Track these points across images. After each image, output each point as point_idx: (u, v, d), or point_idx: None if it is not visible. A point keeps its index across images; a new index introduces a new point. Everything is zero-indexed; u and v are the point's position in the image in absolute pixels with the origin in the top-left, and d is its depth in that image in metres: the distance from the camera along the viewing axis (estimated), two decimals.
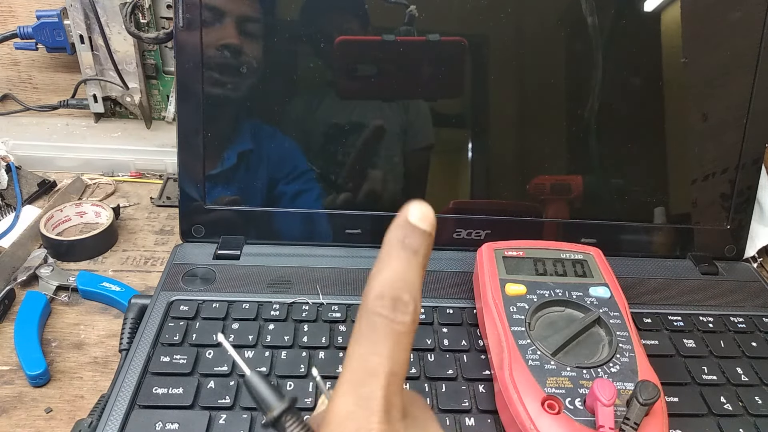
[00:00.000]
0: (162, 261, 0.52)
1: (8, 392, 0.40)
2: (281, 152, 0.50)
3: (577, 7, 0.48)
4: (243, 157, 0.50)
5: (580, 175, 0.51)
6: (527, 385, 0.34)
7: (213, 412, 0.36)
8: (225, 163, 0.49)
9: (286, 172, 0.50)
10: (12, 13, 0.65)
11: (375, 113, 0.49)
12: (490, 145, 0.50)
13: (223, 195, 0.50)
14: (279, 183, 0.50)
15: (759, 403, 0.39)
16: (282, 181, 0.50)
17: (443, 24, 0.48)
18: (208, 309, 0.43)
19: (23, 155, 0.62)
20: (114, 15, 0.61)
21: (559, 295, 0.40)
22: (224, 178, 0.49)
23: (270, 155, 0.50)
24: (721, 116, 0.50)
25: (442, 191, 0.51)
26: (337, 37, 0.47)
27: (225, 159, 0.49)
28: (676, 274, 0.51)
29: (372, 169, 0.50)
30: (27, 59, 0.68)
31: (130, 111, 0.69)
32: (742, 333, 0.45)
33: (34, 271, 0.49)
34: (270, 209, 0.50)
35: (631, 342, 0.37)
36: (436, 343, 0.42)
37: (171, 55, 0.65)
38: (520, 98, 0.50)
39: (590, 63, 0.48)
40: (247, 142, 0.49)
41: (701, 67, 0.49)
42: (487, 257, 0.43)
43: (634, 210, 0.51)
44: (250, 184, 0.50)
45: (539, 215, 0.51)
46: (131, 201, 0.60)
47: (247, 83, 0.48)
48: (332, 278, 0.47)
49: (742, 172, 0.51)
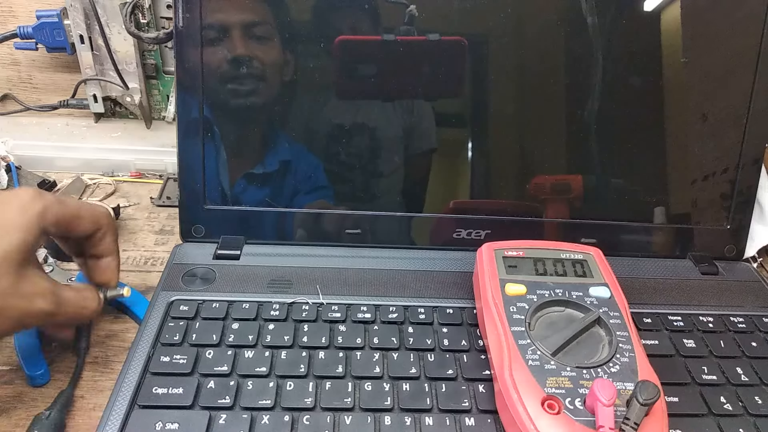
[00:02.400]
0: (162, 261, 0.52)
1: (8, 392, 0.40)
2: (281, 150, 0.49)
3: (577, 7, 0.48)
4: (242, 154, 0.50)
5: (580, 175, 0.51)
6: (527, 385, 0.34)
7: (213, 412, 0.36)
8: (225, 163, 0.49)
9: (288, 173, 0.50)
10: (12, 13, 0.65)
11: (375, 114, 0.49)
12: (490, 144, 0.50)
13: (223, 195, 0.50)
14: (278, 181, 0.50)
15: (759, 403, 0.39)
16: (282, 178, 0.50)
17: (443, 24, 0.48)
18: (208, 309, 0.43)
19: (23, 155, 0.62)
20: (114, 15, 0.61)
21: (559, 295, 0.40)
22: (225, 178, 0.49)
23: (270, 153, 0.50)
24: (721, 116, 0.50)
25: (442, 191, 0.51)
26: (336, 37, 0.47)
27: (225, 158, 0.49)
28: (676, 274, 0.51)
29: (372, 169, 0.50)
30: (27, 59, 0.68)
31: (130, 111, 0.69)
32: (742, 333, 0.45)
33: None
34: (270, 209, 0.50)
35: (631, 342, 0.37)
36: (436, 343, 0.42)
37: (171, 55, 0.65)
38: (520, 98, 0.50)
39: (590, 63, 0.48)
40: (247, 142, 0.49)
41: (701, 67, 0.49)
42: (487, 257, 0.43)
43: (634, 210, 0.51)
44: (251, 183, 0.50)
45: (539, 215, 0.51)
46: (131, 201, 0.60)
47: (247, 83, 0.48)
48: (332, 278, 0.47)
49: (742, 172, 0.51)
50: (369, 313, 0.44)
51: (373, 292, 0.46)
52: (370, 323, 0.43)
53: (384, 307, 0.44)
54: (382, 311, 0.44)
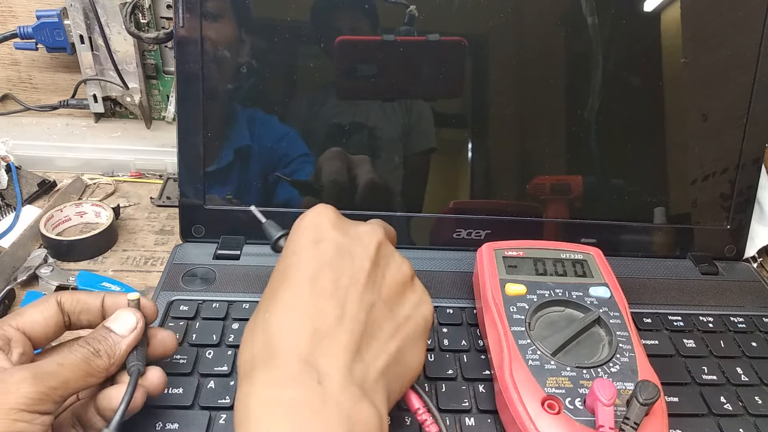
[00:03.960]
0: (162, 261, 0.52)
1: None
2: (281, 151, 0.50)
3: (577, 7, 0.48)
4: (242, 155, 0.50)
5: (580, 175, 0.51)
6: (527, 385, 0.34)
7: (213, 412, 0.36)
8: (225, 163, 0.49)
9: (285, 170, 0.50)
10: (12, 13, 0.65)
11: (375, 114, 0.49)
12: (490, 145, 0.50)
13: (223, 194, 0.50)
14: (278, 179, 0.50)
15: (759, 403, 0.39)
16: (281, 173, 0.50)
17: (443, 24, 0.48)
18: (208, 309, 0.43)
19: (23, 155, 0.62)
20: (114, 15, 0.61)
21: (559, 295, 0.40)
22: (225, 178, 0.49)
23: (270, 154, 0.50)
24: (721, 116, 0.50)
25: (442, 191, 0.51)
26: (336, 37, 0.47)
27: (225, 158, 0.49)
28: (676, 274, 0.51)
29: (373, 169, 0.50)
30: (27, 59, 0.68)
31: (130, 111, 0.69)
32: (742, 333, 0.45)
33: (34, 271, 0.48)
34: (270, 209, 0.50)
35: (631, 342, 0.37)
36: (436, 343, 0.42)
37: (171, 55, 0.65)
38: (520, 98, 0.50)
39: (590, 63, 0.48)
40: (247, 142, 0.49)
41: (701, 67, 0.49)
42: (487, 257, 0.43)
43: (634, 210, 0.51)
44: (251, 183, 0.50)
45: (539, 215, 0.51)
46: (131, 201, 0.60)
47: (247, 83, 0.48)
48: None
49: (742, 172, 0.51)
50: None
51: None
52: None
53: None
54: None
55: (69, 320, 0.33)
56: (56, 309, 0.32)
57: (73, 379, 0.28)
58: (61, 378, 0.28)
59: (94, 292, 0.34)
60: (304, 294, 0.29)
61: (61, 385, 0.28)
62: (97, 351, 0.30)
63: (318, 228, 0.32)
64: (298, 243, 0.31)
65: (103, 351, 0.30)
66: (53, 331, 0.32)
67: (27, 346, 0.31)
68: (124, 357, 0.31)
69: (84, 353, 0.30)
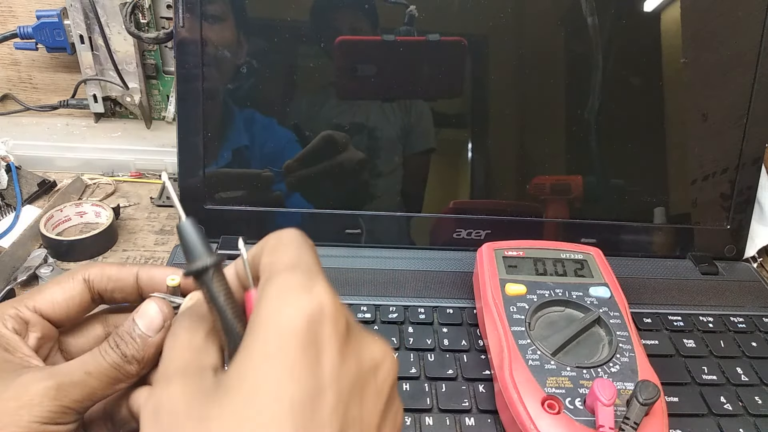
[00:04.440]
0: (162, 261, 0.52)
1: None
2: (281, 151, 0.50)
3: (577, 7, 0.48)
4: (242, 155, 0.50)
5: (580, 175, 0.51)
6: (527, 385, 0.34)
7: None
8: (225, 163, 0.49)
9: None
10: (12, 13, 0.65)
11: (375, 114, 0.49)
12: (490, 145, 0.50)
13: (223, 194, 0.50)
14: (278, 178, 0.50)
15: (759, 403, 0.39)
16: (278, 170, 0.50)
17: (443, 24, 0.48)
18: None
19: (23, 155, 0.62)
20: (114, 15, 0.61)
21: (559, 295, 0.40)
22: (224, 178, 0.49)
23: (270, 154, 0.50)
24: (721, 116, 0.50)
25: (442, 191, 0.51)
26: (336, 37, 0.47)
27: (225, 158, 0.49)
28: (676, 274, 0.51)
29: (373, 169, 0.50)
30: (27, 59, 0.68)
31: (130, 111, 0.69)
32: (742, 333, 0.45)
33: (34, 271, 0.48)
34: (270, 209, 0.50)
35: (631, 342, 0.37)
36: (436, 343, 0.42)
37: (171, 55, 0.65)
38: (519, 98, 0.50)
39: (590, 63, 0.48)
40: (247, 142, 0.49)
41: (701, 67, 0.49)
42: (487, 257, 0.43)
43: (634, 210, 0.51)
44: (251, 183, 0.50)
45: (539, 215, 0.51)
46: (131, 201, 0.60)
47: (247, 83, 0.48)
48: (332, 278, 0.46)
49: (742, 172, 0.51)
50: (369, 312, 0.44)
51: (373, 292, 0.46)
52: (370, 323, 0.43)
53: (384, 307, 0.44)
54: (382, 311, 0.44)
55: (101, 297, 0.29)
56: (82, 287, 0.29)
57: (101, 388, 0.26)
58: (87, 389, 0.25)
59: (126, 266, 0.30)
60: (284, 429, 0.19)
61: (87, 397, 0.25)
62: (125, 355, 0.26)
63: (316, 336, 0.22)
64: (275, 342, 0.21)
65: (131, 356, 0.26)
66: (77, 311, 0.29)
67: (46, 328, 0.28)
68: (155, 359, 0.27)
69: (114, 359, 0.26)
